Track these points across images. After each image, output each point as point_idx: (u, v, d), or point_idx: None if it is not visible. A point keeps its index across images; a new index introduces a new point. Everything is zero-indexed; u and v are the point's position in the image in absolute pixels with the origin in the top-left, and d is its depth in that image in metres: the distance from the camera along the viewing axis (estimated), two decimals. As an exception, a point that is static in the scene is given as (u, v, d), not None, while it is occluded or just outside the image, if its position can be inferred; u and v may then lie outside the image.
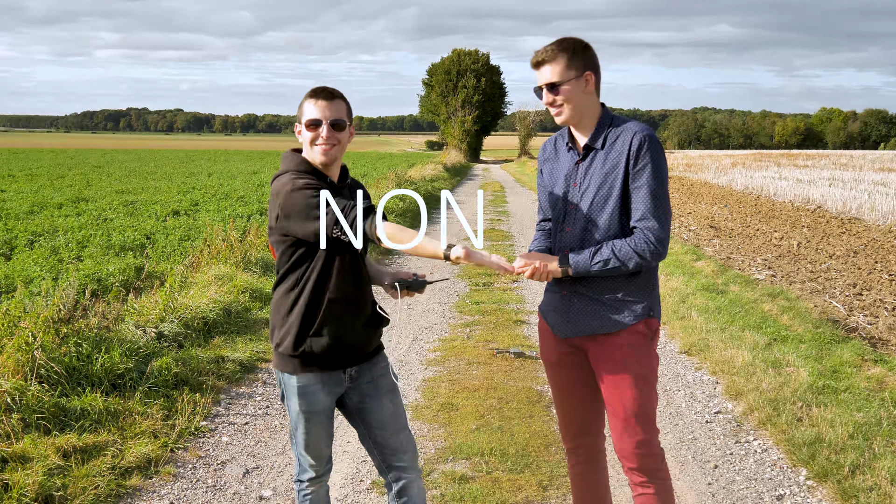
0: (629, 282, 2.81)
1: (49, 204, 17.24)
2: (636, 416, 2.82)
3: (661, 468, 2.89)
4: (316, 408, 2.81)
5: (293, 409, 2.83)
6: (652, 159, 2.71)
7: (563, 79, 2.75)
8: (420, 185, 21.88)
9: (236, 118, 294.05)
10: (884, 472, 4.00)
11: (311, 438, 2.86)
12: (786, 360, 5.89)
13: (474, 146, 66.39)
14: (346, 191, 2.84)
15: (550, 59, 2.76)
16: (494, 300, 8.44)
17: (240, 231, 10.39)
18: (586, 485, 3.16)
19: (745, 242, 13.12)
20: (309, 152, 2.77)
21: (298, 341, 2.75)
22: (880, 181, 24.48)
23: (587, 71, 2.77)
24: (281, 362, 2.81)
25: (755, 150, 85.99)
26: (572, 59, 2.75)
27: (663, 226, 2.72)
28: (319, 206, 2.57)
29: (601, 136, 2.80)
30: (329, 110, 2.73)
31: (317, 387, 2.80)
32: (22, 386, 4.52)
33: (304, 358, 2.76)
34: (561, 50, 2.75)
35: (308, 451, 2.88)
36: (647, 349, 2.84)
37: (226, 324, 6.80)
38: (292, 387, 2.80)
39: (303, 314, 2.74)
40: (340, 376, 2.84)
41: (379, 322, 2.91)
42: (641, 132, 2.74)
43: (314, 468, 2.91)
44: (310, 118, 2.72)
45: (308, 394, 2.79)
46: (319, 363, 2.78)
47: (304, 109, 2.75)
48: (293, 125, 2.86)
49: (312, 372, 2.78)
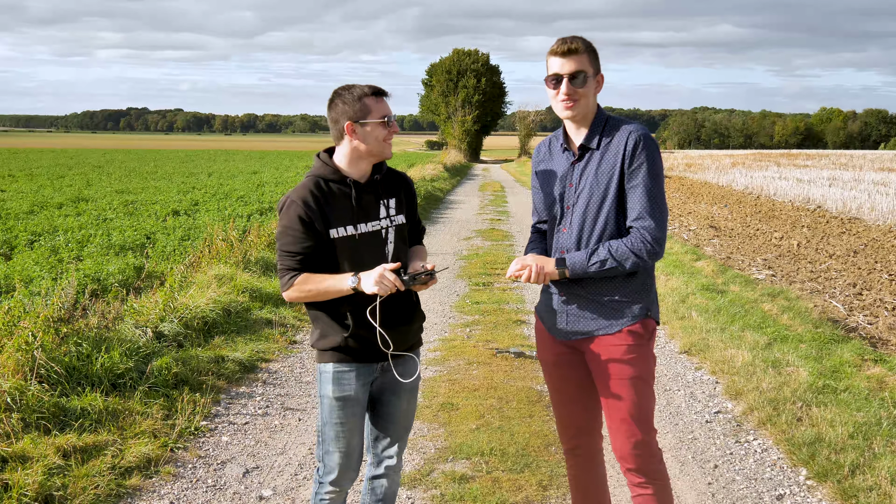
0: (626, 283, 2.80)
1: (49, 204, 17.24)
2: (633, 416, 2.82)
3: (659, 468, 2.88)
4: (348, 393, 2.83)
5: (326, 397, 2.84)
6: (647, 158, 2.71)
7: (589, 73, 2.77)
8: (420, 184, 21.87)
9: (236, 118, 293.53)
10: (884, 472, 4.00)
11: (342, 430, 2.85)
12: (786, 359, 5.89)
13: (474, 146, 66.39)
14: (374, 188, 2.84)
15: (581, 50, 2.76)
16: (494, 300, 8.44)
17: (240, 231, 10.39)
18: (585, 485, 3.15)
19: (745, 242, 13.12)
20: (378, 148, 2.78)
21: (332, 339, 2.80)
22: (880, 181, 24.49)
23: (599, 73, 2.82)
24: (318, 356, 2.89)
25: (755, 150, 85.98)
26: (593, 59, 2.80)
27: (660, 225, 2.71)
28: (281, 260, 2.79)
29: (596, 137, 2.80)
30: (389, 107, 2.81)
31: (351, 374, 2.83)
32: (22, 386, 4.52)
33: (339, 351, 2.82)
34: (586, 45, 2.78)
35: (338, 445, 2.86)
36: (645, 350, 2.83)
37: (226, 324, 6.80)
38: (327, 373, 2.84)
39: (332, 316, 2.80)
40: (373, 367, 2.88)
41: (412, 318, 2.93)
42: (636, 132, 2.75)
43: (339, 468, 2.89)
44: (383, 114, 2.77)
45: (342, 380, 2.83)
46: (355, 356, 2.83)
47: (371, 107, 2.75)
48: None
49: (347, 362, 2.83)
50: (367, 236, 2.80)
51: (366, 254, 2.79)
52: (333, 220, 2.75)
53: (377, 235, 2.83)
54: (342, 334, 2.80)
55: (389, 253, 2.86)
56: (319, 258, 2.76)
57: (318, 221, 2.72)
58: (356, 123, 2.75)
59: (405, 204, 2.95)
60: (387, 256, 2.85)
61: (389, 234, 2.86)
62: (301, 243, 2.72)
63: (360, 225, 2.80)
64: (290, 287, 2.76)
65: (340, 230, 2.76)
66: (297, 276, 2.74)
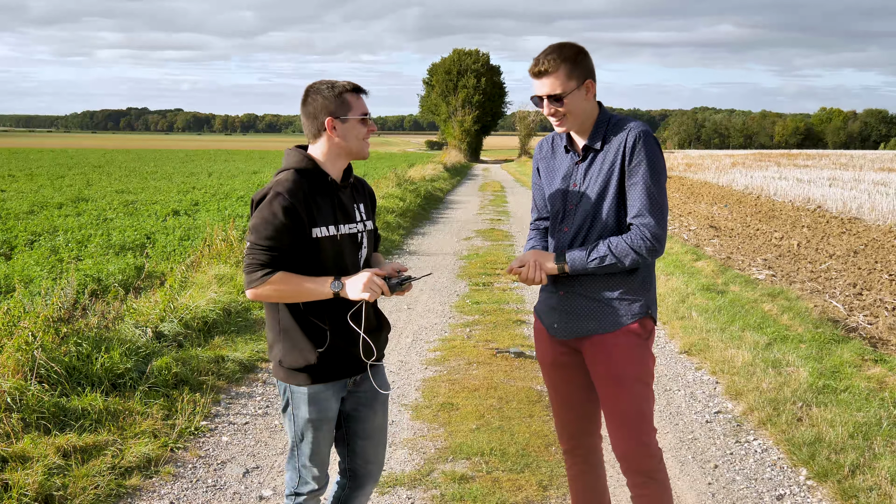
0: (626, 281, 2.79)
1: (49, 204, 17.24)
2: (632, 416, 2.81)
3: (659, 468, 2.88)
4: (326, 415, 2.74)
5: (301, 418, 2.72)
6: (647, 156, 2.69)
7: (566, 90, 2.71)
8: (420, 184, 21.87)
9: (236, 118, 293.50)
10: (884, 472, 4.00)
11: (318, 448, 2.77)
12: (786, 359, 5.89)
13: (474, 146, 66.36)
14: (348, 190, 2.76)
15: (553, 69, 2.70)
16: (494, 300, 8.44)
17: (240, 231, 10.39)
18: (584, 485, 3.15)
19: (745, 242, 13.12)
20: (355, 146, 2.68)
21: (303, 356, 2.66)
22: (880, 181, 24.48)
23: (588, 79, 2.74)
24: (286, 375, 2.72)
25: (755, 150, 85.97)
26: (574, 69, 2.70)
27: (660, 222, 2.70)
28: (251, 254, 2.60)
29: (600, 137, 2.79)
30: (368, 109, 2.71)
31: (327, 394, 2.72)
32: (22, 386, 4.52)
33: (313, 370, 2.68)
34: (562, 60, 2.69)
35: (313, 461, 2.78)
36: (643, 349, 2.83)
37: (226, 324, 6.80)
38: (302, 394, 2.70)
39: (306, 330, 2.66)
40: (346, 382, 2.79)
41: (382, 325, 2.87)
42: (636, 129, 2.73)
43: (317, 480, 2.82)
44: (363, 112, 2.67)
45: (319, 401, 2.71)
46: (330, 374, 2.70)
47: (352, 103, 2.65)
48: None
49: (322, 382, 2.70)
50: (347, 238, 2.70)
51: (347, 256, 2.68)
52: (318, 218, 2.61)
53: (354, 238, 2.73)
54: (316, 350, 2.64)
55: (362, 258, 2.77)
56: (294, 258, 2.59)
57: (303, 217, 2.57)
58: (336, 119, 2.63)
59: (371, 210, 2.88)
60: (359, 261, 2.75)
61: (364, 239, 2.78)
62: (280, 238, 2.55)
63: (342, 226, 2.68)
64: (261, 284, 2.56)
65: (324, 230, 2.62)
66: (273, 274, 2.55)
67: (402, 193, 17.77)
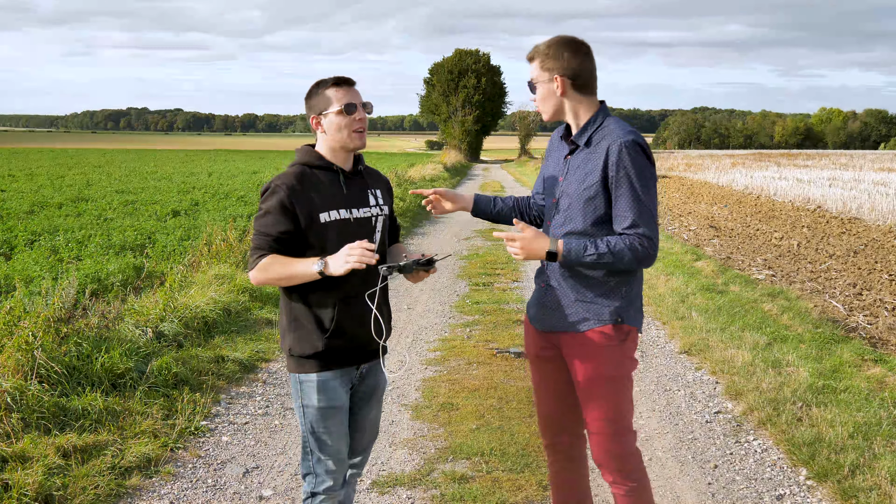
0: (601, 285, 2.78)
1: (49, 204, 17.23)
2: (606, 416, 2.82)
3: (637, 468, 2.88)
4: (336, 403, 2.78)
5: (311, 407, 2.76)
6: (632, 165, 2.66)
7: (537, 79, 2.81)
8: (420, 184, 21.86)
9: (236, 118, 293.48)
10: (884, 472, 4.00)
11: (331, 438, 2.79)
12: (786, 359, 5.89)
13: (474, 146, 66.39)
14: (360, 178, 2.84)
15: (531, 56, 2.83)
16: (494, 300, 8.44)
17: (240, 231, 10.40)
18: (565, 482, 3.14)
19: (745, 242, 13.12)
20: (340, 139, 2.75)
21: (313, 343, 2.74)
22: (880, 181, 24.47)
23: (557, 75, 2.76)
24: (296, 365, 2.79)
25: (755, 150, 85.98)
26: (545, 61, 2.77)
27: (652, 231, 2.69)
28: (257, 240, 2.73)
29: (586, 135, 2.80)
30: (358, 95, 2.78)
31: (336, 381, 2.78)
32: (22, 385, 4.52)
33: (321, 357, 2.75)
34: (541, 50, 2.79)
35: (327, 453, 2.80)
36: (615, 351, 2.81)
37: (226, 323, 6.80)
38: (311, 383, 2.75)
39: (314, 316, 2.74)
40: (354, 372, 2.85)
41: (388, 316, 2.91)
42: (621, 138, 2.69)
43: (333, 475, 2.82)
44: (347, 102, 2.72)
45: (328, 389, 2.76)
46: (337, 361, 2.77)
47: (332, 97, 2.73)
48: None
49: (331, 369, 2.77)
50: (359, 222, 2.78)
51: (356, 240, 2.71)
52: (322, 204, 2.71)
53: (367, 223, 2.81)
54: (323, 336, 2.73)
55: (376, 242, 2.83)
56: (296, 245, 2.70)
57: (303, 207, 2.68)
58: (319, 116, 2.76)
59: (388, 197, 2.96)
60: (374, 243, 2.79)
61: (378, 223, 2.85)
62: (277, 226, 2.67)
63: (353, 210, 2.78)
64: (254, 266, 2.69)
65: (333, 213, 2.72)
66: (265, 257, 2.67)
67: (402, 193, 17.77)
